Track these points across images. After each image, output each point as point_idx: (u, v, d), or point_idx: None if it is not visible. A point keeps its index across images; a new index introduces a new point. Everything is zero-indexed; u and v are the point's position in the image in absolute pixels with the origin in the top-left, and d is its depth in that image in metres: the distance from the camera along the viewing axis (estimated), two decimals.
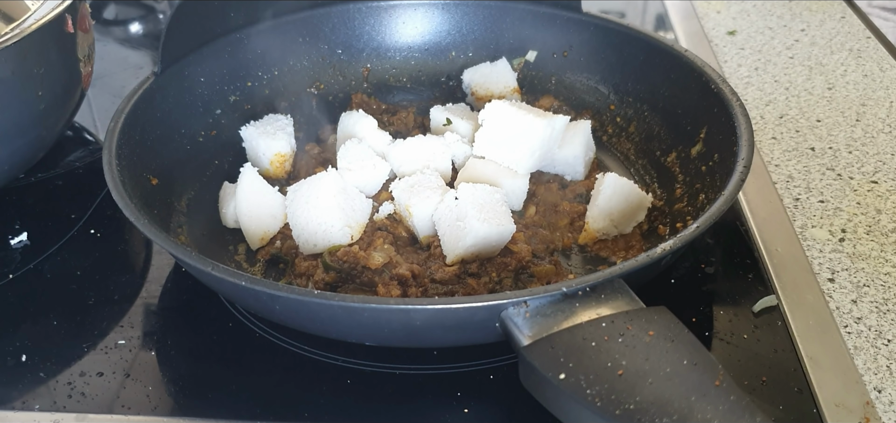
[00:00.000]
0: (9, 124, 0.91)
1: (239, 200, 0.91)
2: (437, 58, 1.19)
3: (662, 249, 0.71)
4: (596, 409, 0.57)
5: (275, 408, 0.74)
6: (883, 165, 1.08)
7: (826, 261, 0.92)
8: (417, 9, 1.18)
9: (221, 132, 1.05)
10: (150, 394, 0.76)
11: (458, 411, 0.74)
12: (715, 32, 1.46)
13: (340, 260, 0.85)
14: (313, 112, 1.15)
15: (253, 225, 0.91)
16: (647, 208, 0.93)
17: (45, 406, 0.75)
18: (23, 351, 0.81)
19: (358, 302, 0.66)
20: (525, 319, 0.65)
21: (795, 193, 1.03)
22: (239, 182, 0.92)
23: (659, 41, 1.05)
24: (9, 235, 0.97)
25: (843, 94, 1.25)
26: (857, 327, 0.83)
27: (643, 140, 1.06)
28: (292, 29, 1.14)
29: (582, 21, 1.13)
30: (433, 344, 0.79)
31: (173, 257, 0.81)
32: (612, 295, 0.67)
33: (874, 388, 0.76)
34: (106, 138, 0.86)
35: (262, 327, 0.83)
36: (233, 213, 0.93)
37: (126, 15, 1.62)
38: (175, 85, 1.00)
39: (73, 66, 0.98)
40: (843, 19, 1.48)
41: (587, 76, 1.14)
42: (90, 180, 1.07)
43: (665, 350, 0.61)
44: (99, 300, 0.88)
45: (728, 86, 0.93)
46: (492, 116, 0.95)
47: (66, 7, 0.93)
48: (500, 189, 0.90)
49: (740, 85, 1.29)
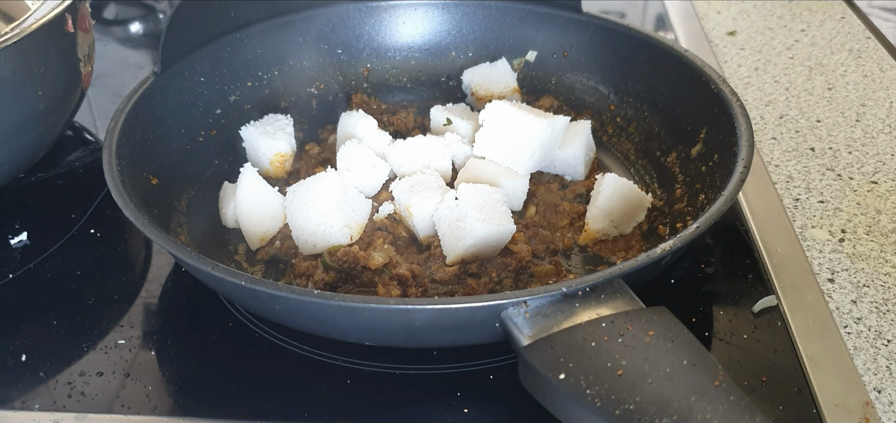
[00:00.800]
0: (9, 124, 0.91)
1: (239, 201, 0.91)
2: (437, 58, 1.19)
3: (662, 249, 0.71)
4: (596, 409, 0.57)
5: (275, 408, 0.74)
6: (883, 165, 1.08)
7: (826, 261, 0.92)
8: (417, 9, 1.18)
9: (221, 132, 1.05)
10: (149, 394, 0.76)
11: (458, 411, 0.74)
12: (715, 33, 1.46)
13: (340, 260, 0.85)
14: (313, 112, 1.15)
15: (253, 225, 0.91)
16: (646, 209, 0.93)
17: (45, 406, 0.75)
18: (23, 351, 0.81)
19: (358, 302, 0.66)
20: (525, 319, 0.65)
21: (795, 194, 1.03)
22: (239, 182, 0.92)
23: (659, 41, 1.05)
24: (9, 234, 0.97)
25: (843, 94, 1.25)
26: (857, 327, 0.83)
27: (643, 140, 1.06)
28: (292, 29, 1.14)
29: (582, 21, 1.13)
30: (433, 344, 0.79)
31: (173, 256, 0.81)
32: (612, 295, 0.67)
33: (874, 388, 0.76)
34: (106, 138, 0.86)
35: (262, 327, 0.83)
36: (233, 213, 0.93)
37: (126, 15, 1.62)
38: (175, 85, 1.00)
39: (73, 66, 0.98)
40: (843, 19, 1.48)
41: (587, 76, 1.14)
42: (90, 180, 1.07)
43: (665, 350, 0.61)
44: (99, 300, 0.88)
45: (728, 86, 0.93)
46: (492, 116, 0.95)
47: (66, 7, 0.93)
48: (500, 189, 0.90)
49: (740, 85, 1.29)
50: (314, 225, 0.87)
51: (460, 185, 0.88)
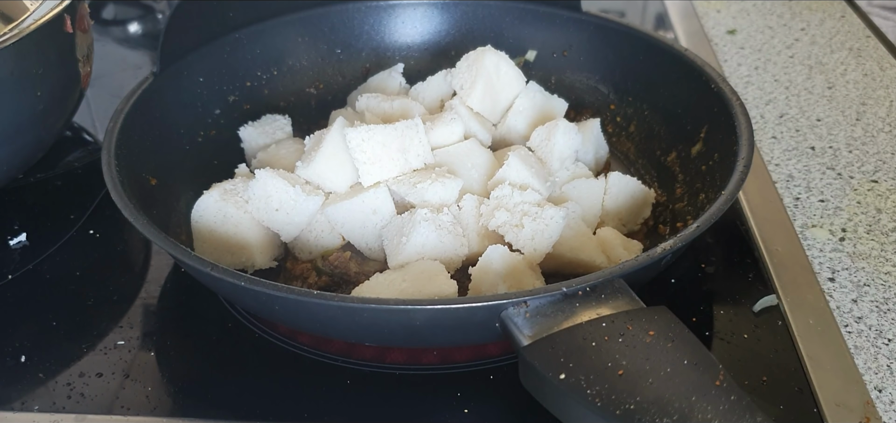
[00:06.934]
0: (7, 125, 0.91)
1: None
2: (437, 57, 1.19)
3: (662, 248, 0.71)
4: (596, 409, 0.57)
5: (275, 408, 0.74)
6: (883, 164, 1.08)
7: (826, 260, 0.92)
8: (417, 8, 1.18)
9: (221, 132, 1.05)
10: (149, 394, 0.76)
11: (458, 411, 0.74)
12: (715, 32, 1.46)
13: (332, 265, 0.85)
14: (312, 112, 1.14)
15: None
16: (651, 204, 0.94)
17: (45, 407, 0.75)
18: (22, 352, 0.81)
19: (358, 302, 0.66)
20: (525, 319, 0.65)
21: (795, 193, 1.03)
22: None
23: (659, 40, 1.05)
24: (8, 235, 0.97)
25: (843, 93, 1.25)
26: (858, 326, 0.83)
27: (643, 139, 1.06)
28: (291, 29, 1.14)
29: (582, 20, 1.12)
30: (433, 344, 0.78)
31: (172, 257, 0.81)
32: (612, 295, 0.67)
33: (874, 387, 0.76)
34: (105, 138, 0.86)
35: (261, 328, 0.83)
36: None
37: (125, 15, 1.61)
38: (174, 85, 1.00)
39: (71, 67, 0.98)
40: (843, 18, 1.48)
41: (587, 76, 1.13)
42: (89, 181, 1.07)
43: (665, 350, 0.61)
44: (98, 301, 0.88)
45: (728, 85, 0.93)
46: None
47: (65, 7, 0.93)
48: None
49: (740, 84, 1.28)
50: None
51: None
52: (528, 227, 0.81)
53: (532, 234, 0.81)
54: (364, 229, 0.85)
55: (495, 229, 0.83)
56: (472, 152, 0.92)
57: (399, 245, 0.81)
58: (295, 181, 0.86)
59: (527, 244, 0.81)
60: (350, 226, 0.86)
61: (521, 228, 0.81)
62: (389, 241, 0.83)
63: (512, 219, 0.82)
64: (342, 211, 0.85)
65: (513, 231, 0.82)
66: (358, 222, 0.85)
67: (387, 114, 0.99)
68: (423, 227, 0.80)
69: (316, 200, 0.85)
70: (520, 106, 1.00)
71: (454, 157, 0.91)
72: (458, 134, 0.93)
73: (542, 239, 0.81)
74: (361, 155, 0.85)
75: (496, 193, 0.84)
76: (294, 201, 0.84)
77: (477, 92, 0.99)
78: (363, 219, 0.85)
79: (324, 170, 0.88)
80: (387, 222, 0.85)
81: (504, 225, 0.82)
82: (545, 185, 0.89)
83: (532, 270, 0.81)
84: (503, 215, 0.82)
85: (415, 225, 0.80)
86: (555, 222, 0.81)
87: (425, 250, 0.80)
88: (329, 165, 0.88)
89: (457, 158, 0.91)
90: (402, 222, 0.82)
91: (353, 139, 0.85)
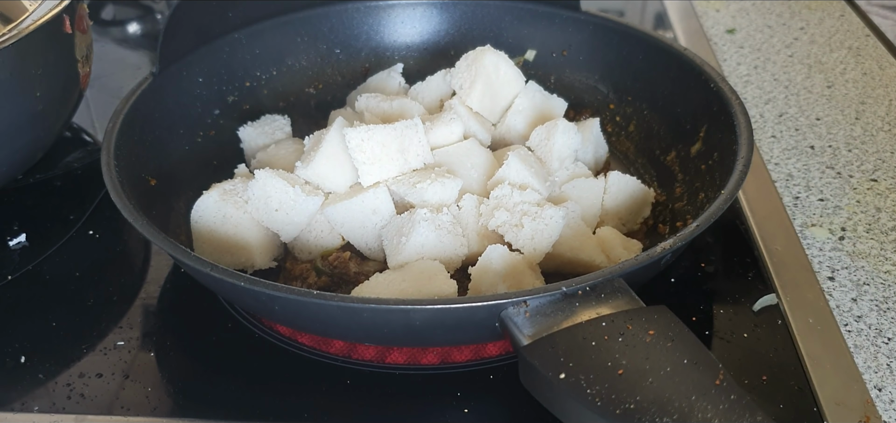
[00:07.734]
0: (7, 125, 0.90)
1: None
2: (436, 57, 1.19)
3: (662, 248, 0.71)
4: (596, 408, 0.57)
5: (275, 408, 0.74)
6: (882, 163, 1.08)
7: (826, 259, 0.92)
8: (416, 8, 1.18)
9: (220, 133, 1.05)
10: (149, 395, 0.76)
11: (458, 411, 0.74)
12: (714, 31, 1.46)
13: (331, 265, 0.85)
14: (312, 112, 1.14)
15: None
16: (651, 203, 0.94)
17: (44, 408, 0.75)
18: (22, 353, 0.81)
19: (358, 302, 0.66)
20: (525, 318, 0.65)
21: (795, 192, 1.03)
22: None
23: (658, 40, 1.05)
24: (7, 236, 0.97)
25: (842, 92, 1.25)
26: (858, 325, 0.83)
27: (643, 139, 1.06)
28: (291, 29, 1.14)
29: (581, 20, 1.12)
30: (433, 344, 0.78)
31: (172, 257, 0.80)
32: (612, 295, 0.67)
33: (874, 386, 0.76)
34: (104, 139, 0.86)
35: (261, 328, 0.83)
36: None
37: (124, 15, 1.61)
38: (173, 85, 1.00)
39: (71, 67, 0.98)
40: (842, 17, 1.48)
41: (586, 75, 1.13)
42: (89, 181, 1.07)
43: (665, 349, 0.61)
44: (98, 301, 0.88)
45: (727, 84, 0.93)
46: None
47: (64, 8, 0.93)
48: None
49: (740, 83, 1.29)
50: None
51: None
52: (527, 226, 0.81)
53: (532, 233, 0.81)
54: (364, 229, 0.85)
55: (495, 228, 0.83)
56: (471, 152, 0.92)
57: (399, 245, 0.81)
58: (294, 181, 0.86)
59: (526, 244, 0.81)
60: (349, 226, 0.86)
61: (521, 227, 0.81)
62: (389, 241, 0.83)
63: (511, 219, 0.82)
64: (342, 211, 0.85)
65: (512, 231, 0.82)
66: (357, 222, 0.85)
67: (386, 114, 0.99)
68: (423, 227, 0.80)
69: (315, 201, 0.85)
70: (519, 106, 1.00)
71: (454, 157, 0.91)
72: (457, 134, 0.93)
73: (542, 239, 0.81)
74: (361, 155, 0.85)
75: (496, 192, 0.84)
76: (293, 202, 0.84)
77: (476, 92, 0.99)
78: (363, 219, 0.85)
79: (323, 170, 0.88)
80: (386, 222, 0.85)
81: (504, 225, 0.82)
82: (545, 184, 0.89)
83: (532, 269, 0.81)
84: (503, 214, 0.82)
85: (414, 225, 0.80)
86: (554, 222, 0.81)
87: (425, 250, 0.80)
88: (328, 165, 0.88)
89: (456, 157, 0.91)
90: (401, 222, 0.82)
91: (353, 139, 0.85)
